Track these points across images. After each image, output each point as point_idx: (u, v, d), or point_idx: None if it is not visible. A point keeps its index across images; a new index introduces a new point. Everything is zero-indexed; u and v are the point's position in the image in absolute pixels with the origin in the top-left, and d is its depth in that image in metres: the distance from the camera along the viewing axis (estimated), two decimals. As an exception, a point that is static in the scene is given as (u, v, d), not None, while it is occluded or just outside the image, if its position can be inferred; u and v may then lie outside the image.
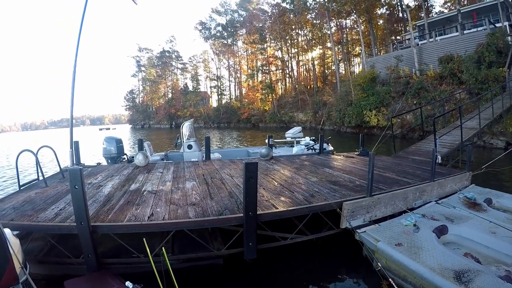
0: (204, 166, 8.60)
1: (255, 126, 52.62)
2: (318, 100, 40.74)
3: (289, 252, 5.31)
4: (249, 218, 4.35)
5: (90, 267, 4.14)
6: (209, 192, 5.76)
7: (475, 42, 22.43)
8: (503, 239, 4.68)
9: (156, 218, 4.34)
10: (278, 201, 5.12)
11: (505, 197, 6.80)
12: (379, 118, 25.59)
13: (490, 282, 3.62)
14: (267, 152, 9.72)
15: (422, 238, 4.67)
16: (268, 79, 58.37)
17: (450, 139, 10.51)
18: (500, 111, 13.18)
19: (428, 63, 26.03)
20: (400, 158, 9.74)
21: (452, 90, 22.08)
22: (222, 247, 4.75)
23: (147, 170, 8.11)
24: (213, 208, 4.74)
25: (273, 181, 6.62)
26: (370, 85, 28.28)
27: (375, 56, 36.54)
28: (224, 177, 7.08)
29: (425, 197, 6.43)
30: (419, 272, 3.91)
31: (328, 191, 5.75)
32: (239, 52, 70.79)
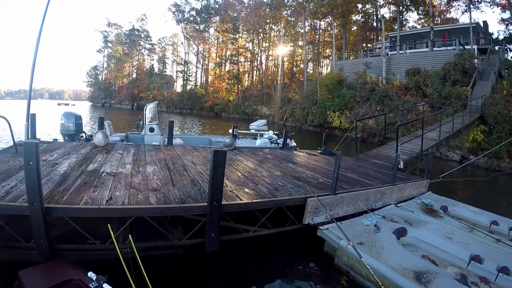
0: (166, 151, 8.34)
1: (218, 115, 52.22)
2: (283, 96, 41.12)
3: (251, 245, 5.28)
4: (213, 208, 4.24)
5: (42, 252, 3.81)
6: (171, 178, 5.55)
7: (443, 60, 23.78)
8: (458, 244, 4.99)
9: (115, 202, 4.08)
10: (243, 193, 5.04)
11: (460, 206, 7.30)
12: (342, 120, 26.27)
13: (447, 283, 3.83)
14: (231, 142, 9.60)
15: (383, 238, 4.85)
16: (236, 70, 57.94)
17: (410, 147, 10.98)
18: (459, 127, 13.99)
19: (395, 73, 27.17)
20: (361, 161, 10.03)
21: (416, 101, 23.22)
22: (183, 237, 4.59)
23: (106, 150, 7.70)
24: (175, 195, 4.56)
25: (236, 172, 6.54)
26: (336, 87, 28.93)
27: (344, 60, 37.46)
28: (186, 163, 6.89)
29: (385, 199, 6.69)
30: (380, 271, 4.03)
31: (292, 186, 5.77)
32: (210, 39, 69.61)
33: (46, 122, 23.12)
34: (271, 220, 5.21)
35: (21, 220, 3.94)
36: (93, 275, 3.26)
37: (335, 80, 29.45)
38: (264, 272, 4.68)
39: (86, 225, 4.17)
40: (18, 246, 3.97)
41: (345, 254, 4.54)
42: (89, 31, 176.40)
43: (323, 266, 4.84)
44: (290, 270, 4.78)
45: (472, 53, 23.76)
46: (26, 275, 3.33)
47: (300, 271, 4.80)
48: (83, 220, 4.14)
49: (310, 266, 4.90)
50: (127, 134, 11.25)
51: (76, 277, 3.35)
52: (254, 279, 4.47)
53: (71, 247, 4.13)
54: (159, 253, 4.47)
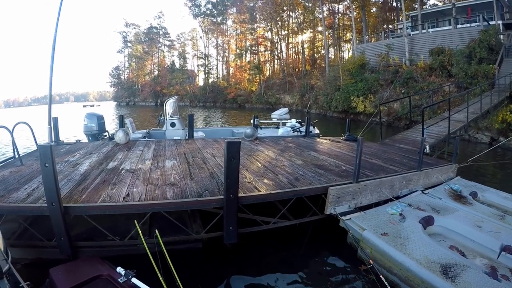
0: (186, 144, 8.37)
1: (241, 107, 52.26)
2: (305, 83, 40.51)
3: (271, 237, 5.18)
4: (229, 201, 4.17)
5: (63, 250, 3.93)
6: (190, 172, 5.53)
7: (468, 37, 22.46)
8: (488, 233, 4.67)
9: (132, 198, 4.13)
10: (261, 184, 4.94)
11: (490, 191, 6.85)
12: (366, 104, 25.59)
13: (476, 278, 3.58)
14: (252, 132, 9.54)
15: (408, 228, 4.62)
16: (256, 60, 57.53)
17: (437, 130, 10.49)
18: (487, 107, 13.21)
19: (419, 53, 26.04)
20: (386, 146, 9.68)
21: (441, 82, 22.22)
22: (201, 230, 4.58)
23: (128, 148, 7.83)
24: (192, 189, 4.53)
25: (256, 162, 6.45)
26: (359, 72, 28.11)
27: (365, 43, 36.17)
28: (206, 156, 6.87)
29: (411, 186, 6.39)
30: (405, 264, 3.85)
31: (313, 175, 5.61)
32: (228, 31, 69.28)
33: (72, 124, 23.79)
34: (292, 211, 5.10)
35: (44, 220, 4.03)
36: (121, 270, 3.30)
37: (357, 64, 28.65)
38: (285, 264, 4.57)
39: (107, 222, 4.26)
40: (42, 245, 4.12)
41: (368, 246, 4.37)
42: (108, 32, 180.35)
43: (346, 257, 4.67)
44: (312, 263, 4.65)
45: (497, 28, 22.22)
46: (56, 272, 3.41)
47: (322, 263, 4.66)
48: (103, 218, 4.20)
49: (333, 258, 4.74)
50: (149, 130, 11.39)
51: (105, 273, 3.40)
52: (274, 272, 4.37)
53: (90, 243, 4.23)
54: (178, 248, 4.43)
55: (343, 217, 4.89)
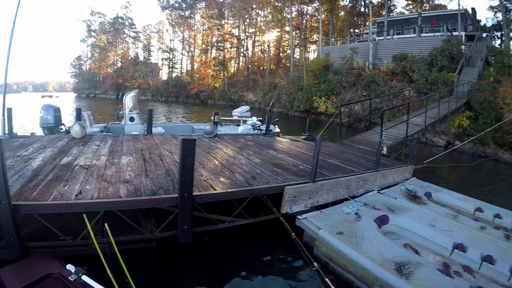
0: (144, 140, 8.14)
1: (204, 103, 51.77)
2: (269, 82, 40.82)
3: (227, 236, 5.15)
4: (184, 199, 4.12)
5: (13, 251, 3.74)
6: (145, 168, 5.39)
7: (431, 46, 23.85)
8: (441, 232, 4.90)
9: (84, 196, 3.97)
10: (217, 182, 4.91)
11: (444, 192, 7.23)
12: (328, 105, 26.21)
13: (430, 274, 3.71)
14: (212, 129, 9.45)
15: (363, 227, 4.73)
16: (221, 56, 57.04)
17: (395, 133, 10.88)
18: (445, 112, 14.01)
19: (382, 58, 27.09)
20: (345, 146, 9.95)
21: (402, 87, 23.20)
22: (155, 229, 4.49)
23: (84, 142, 7.46)
24: (147, 187, 4.42)
25: (214, 160, 6.40)
26: (322, 73, 28.71)
27: (331, 45, 37.07)
28: (163, 153, 6.71)
29: (368, 186, 6.58)
30: (360, 262, 3.93)
31: (270, 174, 5.64)
32: (196, 25, 68.33)
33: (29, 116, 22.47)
34: (249, 210, 5.09)
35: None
36: (72, 268, 3.28)
37: (321, 65, 29.23)
38: (240, 264, 4.57)
39: (59, 221, 4.11)
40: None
41: (323, 245, 4.43)
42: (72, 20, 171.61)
43: (302, 257, 4.66)
44: (267, 262, 4.67)
45: (459, 39, 23.85)
46: (5, 273, 3.33)
47: (277, 263, 4.68)
48: (55, 216, 4.06)
49: (288, 257, 4.76)
50: (107, 124, 10.95)
51: (55, 271, 3.36)
52: (229, 272, 4.36)
53: (43, 244, 4.06)
54: (132, 247, 4.34)
55: (299, 216, 4.95)
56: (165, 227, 4.39)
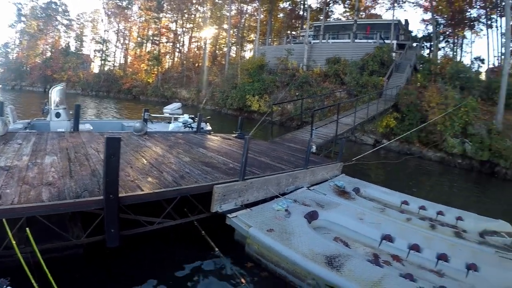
0: (70, 138, 7.56)
1: (136, 98, 49.86)
2: (203, 79, 40.45)
3: (158, 238, 5.00)
4: (109, 202, 3.94)
5: None
6: (70, 169, 4.99)
7: (364, 51, 25.63)
8: (369, 224, 5.14)
9: (4, 201, 3.63)
10: (145, 182, 4.73)
11: (372, 187, 7.66)
12: (261, 104, 26.70)
13: (360, 265, 3.87)
14: (141, 127, 9.05)
15: (293, 223, 4.79)
16: (156, 51, 55.50)
17: (325, 131, 11.27)
18: (374, 113, 14.96)
19: (316, 61, 28.21)
20: (276, 144, 10.10)
21: (334, 88, 24.46)
22: (82, 235, 4.24)
23: (5, 140, 6.72)
24: (71, 189, 4.12)
25: (142, 159, 6.16)
26: (257, 72, 29.13)
27: (267, 45, 37.83)
28: (90, 152, 6.27)
29: (298, 183, 6.71)
30: (291, 258, 4.00)
31: (199, 173, 5.55)
32: (133, 17, 65.48)
33: None
34: (179, 210, 5.00)
35: None
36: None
37: (256, 65, 29.61)
38: (169, 266, 4.46)
39: None
40: None
41: (255, 242, 4.46)
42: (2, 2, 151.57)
43: (234, 255, 4.70)
44: (199, 262, 4.58)
45: (391, 47, 26.04)
46: None
47: (210, 261, 4.59)
48: None
49: (220, 256, 4.67)
50: (31, 120, 9.95)
51: None
52: (157, 275, 4.23)
53: None
54: (58, 255, 4.11)
55: (229, 215, 4.91)
56: (92, 231, 4.18)
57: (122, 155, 5.60)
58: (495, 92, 18.69)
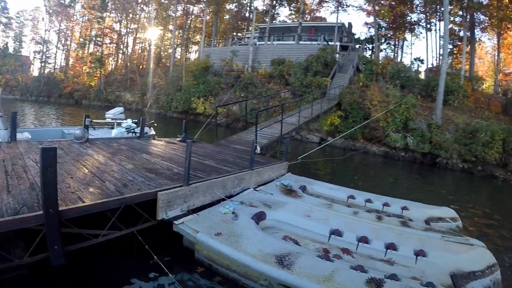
0: (7, 149, 6.95)
1: (78, 103, 47.38)
2: (148, 82, 39.47)
3: (103, 251, 4.75)
4: (49, 217, 3.70)
5: None
6: (7, 183, 4.62)
7: (308, 53, 26.60)
8: (317, 221, 5.24)
9: None
10: (87, 193, 4.47)
11: (318, 184, 7.83)
12: (206, 106, 26.72)
13: (310, 262, 3.92)
14: (82, 134, 8.58)
15: (241, 225, 4.77)
16: (99, 52, 53.18)
17: (271, 132, 11.44)
18: (318, 112, 15.48)
19: (261, 62, 28.82)
20: (221, 146, 10.07)
21: (279, 89, 25.11)
22: (24, 255, 3.90)
23: None
24: (9, 205, 3.83)
25: (83, 168, 5.81)
26: (202, 74, 29.10)
27: (213, 47, 37.97)
28: (28, 163, 5.81)
29: (244, 184, 6.71)
30: (241, 260, 4.01)
31: (143, 180, 5.37)
32: (75, 16, 62.04)
33: None
34: (125, 220, 4.81)
35: None
36: None
37: (201, 66, 29.57)
38: (120, 278, 4.31)
39: None
40: None
41: (203, 248, 4.39)
42: None
43: (184, 262, 4.65)
44: (149, 272, 4.41)
45: (334, 48, 27.30)
46: None
47: (160, 271, 4.42)
48: None
49: (170, 264, 4.57)
50: None
51: None
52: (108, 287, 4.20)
53: None
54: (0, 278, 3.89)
55: (176, 222, 4.79)
56: (35, 249, 3.88)
57: (62, 165, 5.41)
58: (434, 89, 20.43)
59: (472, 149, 15.80)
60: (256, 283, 3.91)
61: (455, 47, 33.30)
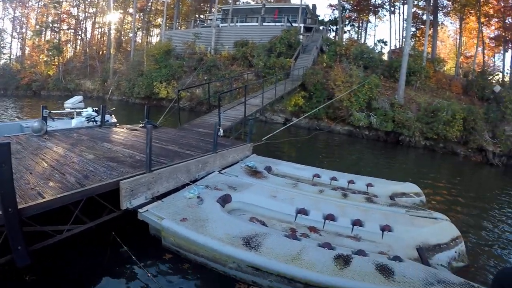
0: None
1: (37, 94, 44.95)
2: (108, 68, 38.03)
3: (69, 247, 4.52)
4: (9, 216, 3.57)
5: None
6: None
7: (271, 34, 26.34)
8: (283, 201, 5.26)
9: None
10: (47, 188, 4.27)
11: (283, 164, 7.87)
12: (169, 90, 26.15)
13: (278, 242, 3.93)
14: (40, 126, 8.13)
15: (207, 209, 4.72)
16: (57, 39, 50.53)
17: (234, 114, 11.36)
18: (281, 93, 15.48)
19: (224, 44, 28.33)
20: (185, 131, 9.90)
21: (242, 71, 24.91)
22: None
23: None
24: None
25: (43, 162, 5.53)
26: (164, 58, 28.31)
27: (175, 29, 37.11)
28: None
29: (208, 168, 6.65)
30: (208, 245, 3.98)
31: (104, 170, 5.19)
32: (31, 2, 58.33)
33: None
34: (89, 213, 4.67)
35: None
36: None
37: (163, 50, 28.74)
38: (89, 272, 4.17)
39: None
40: None
41: (170, 234, 4.33)
42: None
43: (151, 250, 4.57)
44: (118, 264, 4.34)
45: (298, 30, 27.39)
46: None
47: (128, 261, 4.32)
48: None
49: (138, 254, 4.45)
50: None
51: None
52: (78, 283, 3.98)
53: None
54: None
55: (140, 210, 4.68)
56: None
57: (20, 160, 5.28)
58: (397, 70, 20.90)
59: (434, 127, 16.57)
60: (225, 266, 3.89)
61: (418, 30, 34.11)
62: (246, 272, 3.76)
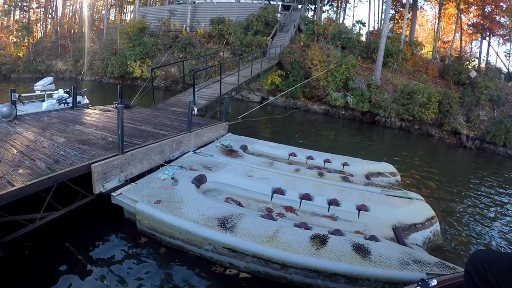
0: None
1: (7, 78, 43.06)
2: (80, 47, 36.64)
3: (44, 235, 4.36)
4: None
5: None
6: None
7: (248, 12, 25.91)
8: (259, 180, 5.22)
9: None
10: (16, 175, 4.07)
11: (259, 143, 7.83)
12: (144, 69, 25.51)
13: (254, 222, 3.90)
14: (9, 111, 7.74)
15: (181, 190, 4.64)
16: (26, 19, 48.09)
17: (209, 92, 11.17)
18: (258, 72, 15.27)
19: (200, 21, 27.66)
20: (159, 110, 9.68)
21: (218, 49, 24.45)
22: None
23: None
24: None
25: (12, 149, 5.27)
26: (138, 35, 27.52)
27: (149, 6, 36.28)
28: None
29: (183, 148, 6.53)
30: (183, 227, 3.91)
31: (76, 153, 4.98)
32: None
33: None
34: (61, 199, 4.53)
35: None
36: None
37: (136, 28, 27.90)
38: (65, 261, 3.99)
39: None
40: None
41: (144, 217, 4.25)
42: None
43: (126, 234, 4.50)
44: (93, 250, 4.20)
45: (276, 8, 26.97)
46: None
47: (104, 247, 4.29)
48: None
49: (113, 238, 4.48)
50: None
51: None
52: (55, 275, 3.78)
53: None
54: None
55: (114, 193, 4.53)
56: None
57: None
58: (374, 51, 20.95)
59: (410, 109, 16.87)
60: (200, 248, 3.85)
61: (397, 13, 34.04)
62: (222, 254, 3.73)
